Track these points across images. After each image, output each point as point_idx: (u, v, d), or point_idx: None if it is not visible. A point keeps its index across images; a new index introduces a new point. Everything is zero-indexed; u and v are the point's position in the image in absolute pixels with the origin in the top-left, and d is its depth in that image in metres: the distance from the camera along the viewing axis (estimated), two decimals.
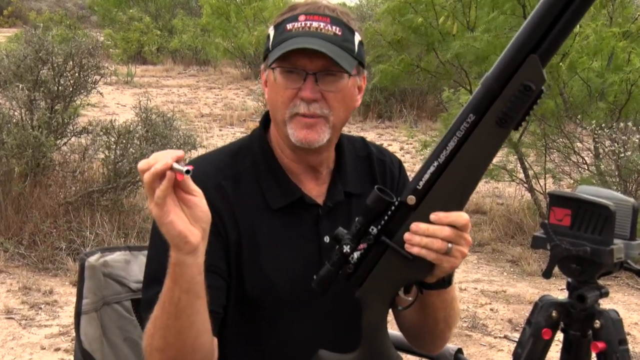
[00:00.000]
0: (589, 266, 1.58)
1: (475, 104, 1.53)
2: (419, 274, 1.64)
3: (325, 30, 1.77)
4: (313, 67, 1.75)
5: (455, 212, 1.59)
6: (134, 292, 2.11)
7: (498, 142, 1.55)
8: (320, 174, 1.89)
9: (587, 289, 1.60)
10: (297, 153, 1.84)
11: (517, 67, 1.50)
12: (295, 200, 1.84)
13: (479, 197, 8.19)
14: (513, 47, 1.51)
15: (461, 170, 1.56)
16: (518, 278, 6.21)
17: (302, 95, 1.75)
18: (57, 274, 5.73)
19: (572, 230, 1.58)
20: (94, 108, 9.42)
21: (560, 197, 1.61)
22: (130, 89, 15.30)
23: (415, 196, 1.58)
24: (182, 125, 7.20)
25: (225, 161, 1.85)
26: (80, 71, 6.37)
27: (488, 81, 1.53)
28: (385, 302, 1.66)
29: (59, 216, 6.09)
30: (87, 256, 2.07)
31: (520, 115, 1.52)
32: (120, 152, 6.33)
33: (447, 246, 1.59)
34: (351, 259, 1.63)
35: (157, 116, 6.61)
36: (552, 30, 1.49)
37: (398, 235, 1.61)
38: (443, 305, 1.79)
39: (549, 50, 1.50)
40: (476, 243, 6.96)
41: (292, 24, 1.78)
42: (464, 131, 1.54)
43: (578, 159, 7.15)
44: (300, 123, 1.77)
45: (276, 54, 1.75)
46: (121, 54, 18.39)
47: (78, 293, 2.06)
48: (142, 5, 20.94)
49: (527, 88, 1.50)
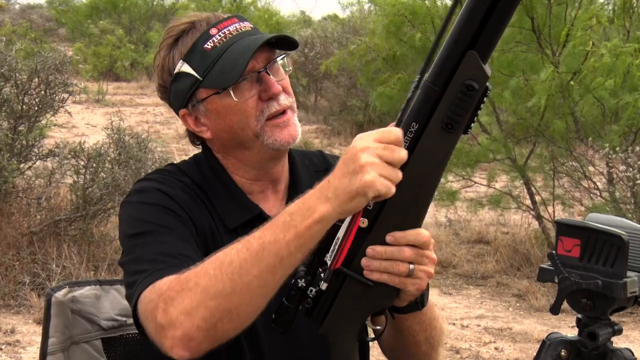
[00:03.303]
0: (601, 301, 1.58)
1: (417, 111, 1.53)
2: (383, 301, 1.64)
3: (244, 27, 1.82)
4: (260, 64, 1.80)
5: (412, 230, 1.59)
6: (105, 331, 2.11)
7: (448, 148, 1.55)
8: (281, 185, 1.92)
9: (598, 326, 1.60)
10: (266, 167, 1.87)
11: (456, 66, 1.50)
12: (253, 217, 1.85)
13: (481, 226, 8.21)
14: (448, 44, 1.50)
15: (412, 184, 1.55)
16: (525, 314, 6.21)
17: (271, 92, 1.80)
18: (20, 311, 5.69)
19: (581, 262, 1.59)
20: (62, 129, 9.41)
21: (568, 225, 1.61)
22: (102, 108, 15.29)
23: (367, 218, 1.57)
24: (158, 147, 7.21)
25: (176, 174, 1.87)
26: (46, 89, 6.38)
27: (426, 85, 1.52)
28: (352, 336, 1.66)
29: (22, 247, 6.06)
30: (53, 291, 2.07)
31: (467, 117, 1.52)
32: (90, 177, 6.32)
33: (409, 267, 1.59)
34: (309, 292, 1.62)
35: (131, 137, 6.61)
36: (487, 21, 1.48)
37: (356, 262, 1.60)
38: (422, 328, 1.80)
39: (488, 44, 1.49)
40: (479, 276, 6.96)
41: (209, 42, 1.80)
42: (408, 142, 1.54)
43: (589, 184, 7.18)
44: (276, 127, 1.81)
45: (230, 71, 1.76)
46: (91, 70, 18.40)
47: (43, 332, 2.05)
48: (114, 17, 20.99)
49: (470, 88, 1.50)
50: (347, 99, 12.88)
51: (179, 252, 1.69)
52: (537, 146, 7.35)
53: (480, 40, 1.49)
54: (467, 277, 6.99)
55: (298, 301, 1.63)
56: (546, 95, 6.41)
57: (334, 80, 12.93)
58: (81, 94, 9.49)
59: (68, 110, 6.78)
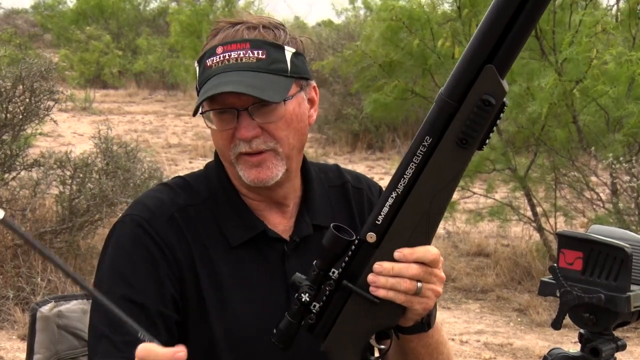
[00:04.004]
0: (604, 315, 1.58)
1: (431, 125, 1.54)
2: (389, 319, 1.64)
3: (246, 58, 1.79)
4: (242, 102, 1.78)
5: (422, 246, 1.60)
6: None
7: (461, 165, 1.56)
8: (287, 207, 1.90)
9: (601, 342, 1.61)
10: (256, 191, 1.86)
11: (473, 81, 1.51)
12: (257, 235, 1.85)
13: (481, 238, 8.22)
14: (465, 58, 1.51)
15: (423, 200, 1.57)
16: (526, 329, 6.21)
17: (239, 135, 1.78)
18: (3, 327, 5.68)
19: (584, 276, 1.59)
20: (47, 138, 9.41)
21: (570, 238, 1.62)
22: (89, 116, 15.30)
23: (375, 233, 1.59)
24: (147, 157, 7.20)
25: (178, 193, 1.88)
26: (31, 96, 6.37)
27: (442, 98, 1.53)
28: (355, 354, 1.66)
29: (5, 261, 6.05)
30: (39, 306, 2.07)
31: (483, 133, 1.53)
32: (77, 188, 6.31)
33: (417, 285, 1.60)
34: (312, 307, 1.63)
35: (119, 147, 6.60)
36: (507, 36, 1.49)
37: (362, 278, 1.61)
38: (427, 351, 1.79)
39: (507, 59, 1.51)
40: (479, 289, 6.96)
41: (211, 59, 1.81)
42: (421, 156, 1.55)
43: (592, 195, 7.19)
44: (247, 163, 1.80)
45: (200, 98, 1.78)
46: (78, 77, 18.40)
47: (28, 348, 2.05)
48: (102, 23, 21.00)
49: (487, 103, 1.51)
50: (342, 108, 12.89)
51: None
52: (538, 156, 7.35)
53: (498, 55, 1.50)
54: (467, 291, 6.99)
55: (301, 316, 1.64)
56: (548, 103, 6.42)
57: (328, 88, 12.95)
58: (67, 102, 9.49)
59: (54, 119, 6.77)
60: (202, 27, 16.89)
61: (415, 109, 11.01)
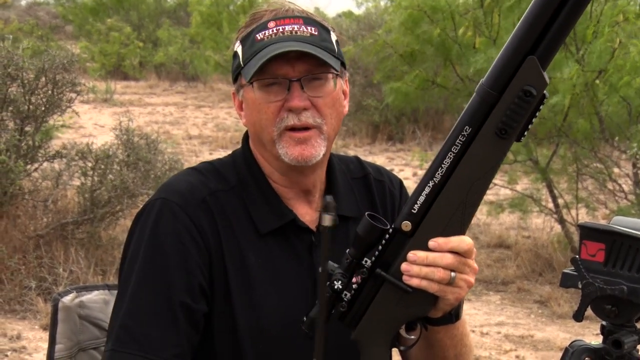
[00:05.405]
0: (626, 307, 1.58)
1: (471, 115, 1.55)
2: (421, 308, 1.65)
3: (300, 32, 1.80)
4: (296, 73, 1.78)
5: (456, 236, 1.60)
6: None
7: (499, 155, 1.56)
8: (313, 197, 1.91)
9: (623, 334, 1.60)
10: (289, 176, 1.86)
11: (515, 71, 1.51)
12: (286, 224, 1.85)
13: (502, 230, 8.20)
14: (508, 49, 1.52)
15: (460, 190, 1.57)
16: (547, 321, 6.20)
17: (290, 105, 1.78)
18: (26, 317, 5.72)
19: (606, 267, 1.59)
20: (69, 129, 9.45)
21: (592, 229, 1.61)
22: (110, 107, 15.36)
23: (411, 221, 1.59)
24: (167, 148, 7.23)
25: (208, 177, 1.87)
26: (53, 88, 6.40)
27: (483, 89, 1.54)
28: (386, 343, 1.67)
29: (28, 251, 6.09)
30: (60, 296, 2.08)
31: (522, 124, 1.54)
32: (98, 179, 6.35)
33: (450, 275, 1.60)
34: (344, 295, 1.64)
35: (140, 138, 6.64)
36: (550, 28, 1.50)
37: (395, 267, 1.61)
38: (452, 343, 1.80)
39: (549, 51, 1.52)
40: (499, 281, 6.95)
41: (261, 33, 1.81)
42: (459, 146, 1.55)
43: (615, 186, 7.16)
44: (292, 139, 1.79)
45: (253, 67, 1.77)
46: (99, 69, 18.47)
47: (50, 338, 2.06)
48: (122, 14, 21.05)
49: (528, 93, 1.51)
50: (362, 99, 12.86)
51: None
52: (560, 147, 7.32)
53: (541, 46, 1.51)
54: (487, 283, 6.98)
55: (332, 304, 1.64)
56: (570, 94, 6.38)
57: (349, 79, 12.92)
58: (89, 94, 9.52)
59: (75, 110, 6.80)
60: (223, 18, 16.94)
61: (436, 99, 11.00)
